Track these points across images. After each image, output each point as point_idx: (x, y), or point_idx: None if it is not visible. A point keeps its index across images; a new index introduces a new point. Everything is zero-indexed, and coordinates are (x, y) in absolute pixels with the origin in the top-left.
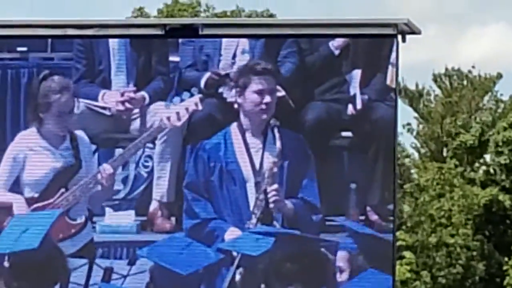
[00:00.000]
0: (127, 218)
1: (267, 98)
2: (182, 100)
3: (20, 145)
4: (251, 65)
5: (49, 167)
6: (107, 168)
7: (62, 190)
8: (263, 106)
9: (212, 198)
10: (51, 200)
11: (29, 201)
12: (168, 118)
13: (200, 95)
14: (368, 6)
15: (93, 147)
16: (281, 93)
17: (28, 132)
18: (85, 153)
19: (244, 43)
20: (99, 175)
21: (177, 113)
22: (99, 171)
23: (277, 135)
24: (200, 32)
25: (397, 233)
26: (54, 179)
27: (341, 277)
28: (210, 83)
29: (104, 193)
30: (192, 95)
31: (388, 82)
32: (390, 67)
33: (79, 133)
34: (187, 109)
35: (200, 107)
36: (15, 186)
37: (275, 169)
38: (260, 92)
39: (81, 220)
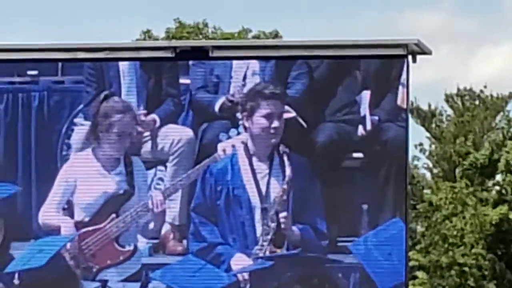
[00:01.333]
0: (139, 241)
1: (276, 123)
2: (239, 133)
3: (74, 167)
4: (259, 89)
5: (100, 191)
6: (158, 195)
7: (113, 215)
8: (272, 131)
9: (218, 222)
10: (100, 225)
11: (78, 225)
12: (224, 151)
13: None
14: (379, 26)
15: (149, 173)
16: (291, 114)
17: (83, 154)
18: (139, 180)
19: (255, 64)
20: (150, 202)
21: (233, 146)
22: (150, 198)
23: (286, 162)
24: (210, 54)
25: (410, 253)
26: (105, 204)
27: None
28: (225, 107)
29: (156, 220)
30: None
31: (398, 102)
32: (400, 87)
33: (135, 159)
34: (243, 142)
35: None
36: (67, 209)
37: (285, 196)
38: (268, 117)
39: (130, 247)
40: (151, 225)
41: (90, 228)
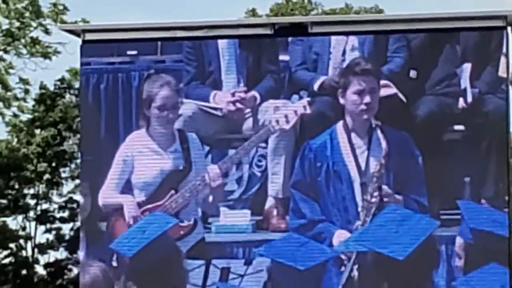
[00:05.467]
0: (243, 217)
1: (367, 99)
2: (291, 103)
3: (130, 146)
4: (351, 66)
5: (158, 169)
6: (213, 168)
7: (172, 192)
8: (363, 107)
9: (319, 199)
10: (160, 202)
11: (140, 203)
12: (277, 121)
13: (308, 98)
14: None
15: (206, 149)
16: (392, 90)
17: (138, 133)
18: (196, 156)
19: (353, 40)
20: (206, 176)
21: (286, 116)
22: (206, 172)
23: (380, 135)
24: (309, 31)
25: None
26: (163, 181)
27: (458, 263)
28: (325, 87)
29: (214, 194)
30: (301, 97)
31: (500, 73)
32: (502, 58)
33: (191, 135)
34: (295, 111)
35: (308, 110)
36: (126, 188)
37: (383, 170)
38: (359, 93)
39: (190, 222)
40: (210, 199)
41: (150, 206)
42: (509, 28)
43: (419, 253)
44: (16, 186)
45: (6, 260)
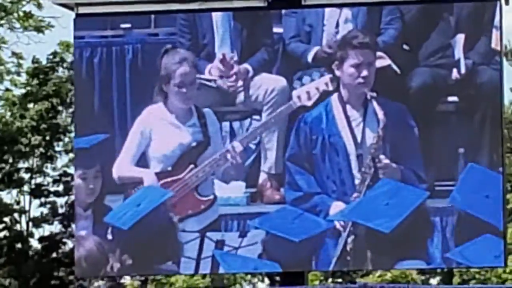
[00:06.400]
0: (237, 190)
1: (364, 72)
2: (312, 80)
3: (148, 119)
4: (348, 39)
5: (176, 142)
6: (237, 146)
7: (192, 166)
8: (361, 80)
9: (315, 171)
10: (180, 176)
11: (159, 176)
12: (299, 98)
13: (330, 75)
14: None
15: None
16: (386, 61)
17: (155, 107)
18: (213, 130)
19: (347, 11)
20: (229, 153)
21: (308, 93)
22: (228, 149)
23: (377, 107)
24: (302, 3)
25: (508, 196)
26: (182, 155)
27: (450, 234)
28: (319, 57)
29: (235, 170)
30: (322, 75)
31: (493, 45)
32: (494, 30)
33: (206, 110)
34: (317, 88)
35: (331, 87)
36: (142, 161)
37: (380, 142)
38: (357, 66)
39: (210, 196)
40: (231, 174)
41: (169, 179)
42: (502, 0)
43: (412, 225)
44: (10, 160)
45: (1, 234)
